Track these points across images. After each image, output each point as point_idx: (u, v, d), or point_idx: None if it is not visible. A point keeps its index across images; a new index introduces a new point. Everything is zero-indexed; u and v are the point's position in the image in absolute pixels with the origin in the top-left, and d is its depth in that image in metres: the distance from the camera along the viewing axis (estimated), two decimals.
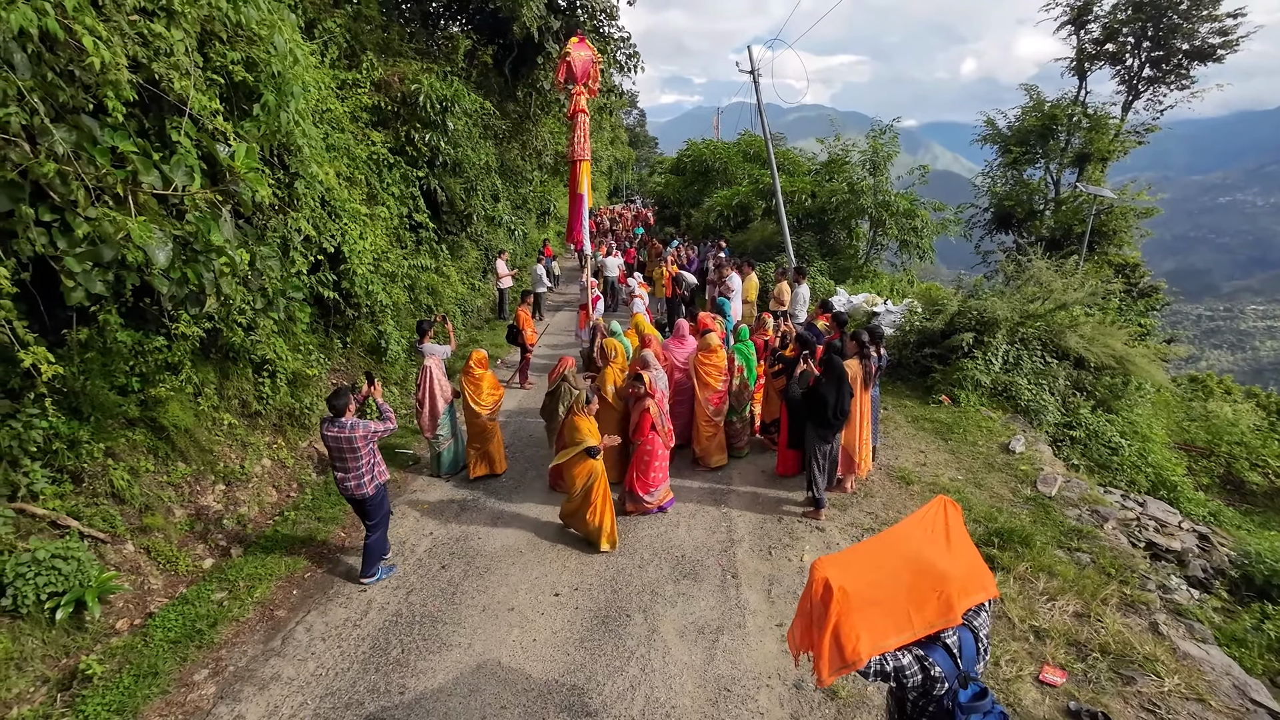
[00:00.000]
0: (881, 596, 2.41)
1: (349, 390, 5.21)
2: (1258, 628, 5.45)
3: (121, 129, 3.77)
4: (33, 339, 3.59)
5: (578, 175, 8.85)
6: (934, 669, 2.37)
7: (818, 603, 2.40)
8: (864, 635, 2.34)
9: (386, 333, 9.64)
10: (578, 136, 8.70)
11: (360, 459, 5.14)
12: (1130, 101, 20.45)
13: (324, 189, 7.16)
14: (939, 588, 2.44)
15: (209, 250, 4.30)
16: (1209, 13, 18.50)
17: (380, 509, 5.43)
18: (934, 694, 2.38)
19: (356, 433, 5.05)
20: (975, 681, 2.41)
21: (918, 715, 2.48)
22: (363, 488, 5.21)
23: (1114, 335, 9.45)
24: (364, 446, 5.12)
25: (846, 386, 5.94)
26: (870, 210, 16.75)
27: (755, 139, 24.52)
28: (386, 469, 5.48)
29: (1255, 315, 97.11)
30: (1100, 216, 18.54)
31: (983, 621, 2.60)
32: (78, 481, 5.34)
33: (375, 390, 5.78)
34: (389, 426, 5.37)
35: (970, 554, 2.66)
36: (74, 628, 4.76)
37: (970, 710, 2.34)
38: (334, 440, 5.06)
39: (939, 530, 2.62)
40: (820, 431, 6.06)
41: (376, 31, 12.11)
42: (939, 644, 2.45)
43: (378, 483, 5.33)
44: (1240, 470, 9.78)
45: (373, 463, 5.27)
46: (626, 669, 4.46)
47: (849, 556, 2.60)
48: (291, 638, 4.87)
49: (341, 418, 5.06)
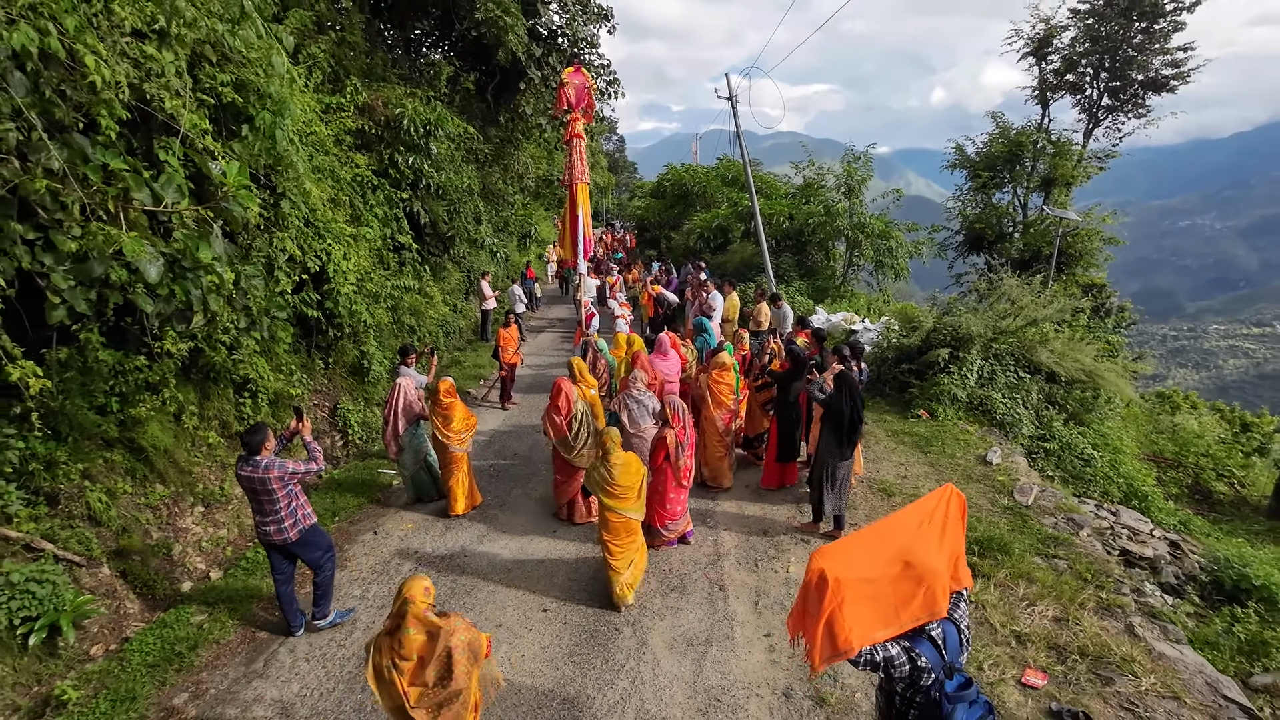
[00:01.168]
0: (873, 589, 2.50)
1: (267, 426, 4.73)
2: (1228, 631, 5.60)
3: (113, 147, 3.80)
4: (20, 353, 3.57)
5: (575, 198, 9.08)
6: (920, 659, 2.45)
7: (813, 592, 2.47)
8: (855, 626, 2.41)
9: (369, 353, 9.62)
10: (575, 161, 8.94)
11: (277, 502, 4.66)
12: (1091, 129, 21.32)
13: (309, 209, 7.20)
14: (927, 582, 2.52)
15: (197, 267, 4.33)
16: (1161, 46, 19.45)
17: (312, 549, 4.95)
18: (921, 685, 2.45)
19: (271, 473, 4.56)
20: (960, 672, 2.49)
21: (906, 708, 2.54)
22: (283, 533, 4.74)
23: (1083, 350, 9.78)
24: (280, 489, 4.63)
25: (860, 399, 5.87)
26: (846, 232, 17.19)
27: (733, 164, 25.08)
28: (311, 511, 4.99)
29: (1218, 335, 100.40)
30: (1067, 239, 19.17)
31: (962, 613, 2.69)
32: (53, 503, 5.24)
33: (304, 427, 5.16)
34: (312, 468, 4.85)
35: (959, 546, 2.76)
36: (46, 654, 4.64)
37: (957, 700, 2.41)
38: (247, 480, 4.59)
39: (937, 522, 2.71)
40: (836, 449, 5.89)
41: (360, 57, 12.27)
42: (924, 636, 2.53)
43: (301, 526, 4.82)
44: (1207, 480, 10.08)
45: (294, 505, 4.79)
46: (617, 682, 4.46)
47: (845, 547, 2.67)
48: (274, 659, 4.79)
49: (256, 455, 4.57)
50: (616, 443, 5.15)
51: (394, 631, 3.13)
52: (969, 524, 6.17)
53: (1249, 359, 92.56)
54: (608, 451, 5.11)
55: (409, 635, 3.08)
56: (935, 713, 2.44)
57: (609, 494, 5.06)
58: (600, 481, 5.09)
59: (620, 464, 5.10)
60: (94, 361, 5.32)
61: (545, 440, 6.97)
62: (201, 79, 4.93)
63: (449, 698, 3.06)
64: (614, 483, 5.04)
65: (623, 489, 5.06)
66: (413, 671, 3.07)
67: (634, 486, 5.11)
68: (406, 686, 3.04)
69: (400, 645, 3.08)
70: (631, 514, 5.12)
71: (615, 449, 5.12)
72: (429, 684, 3.06)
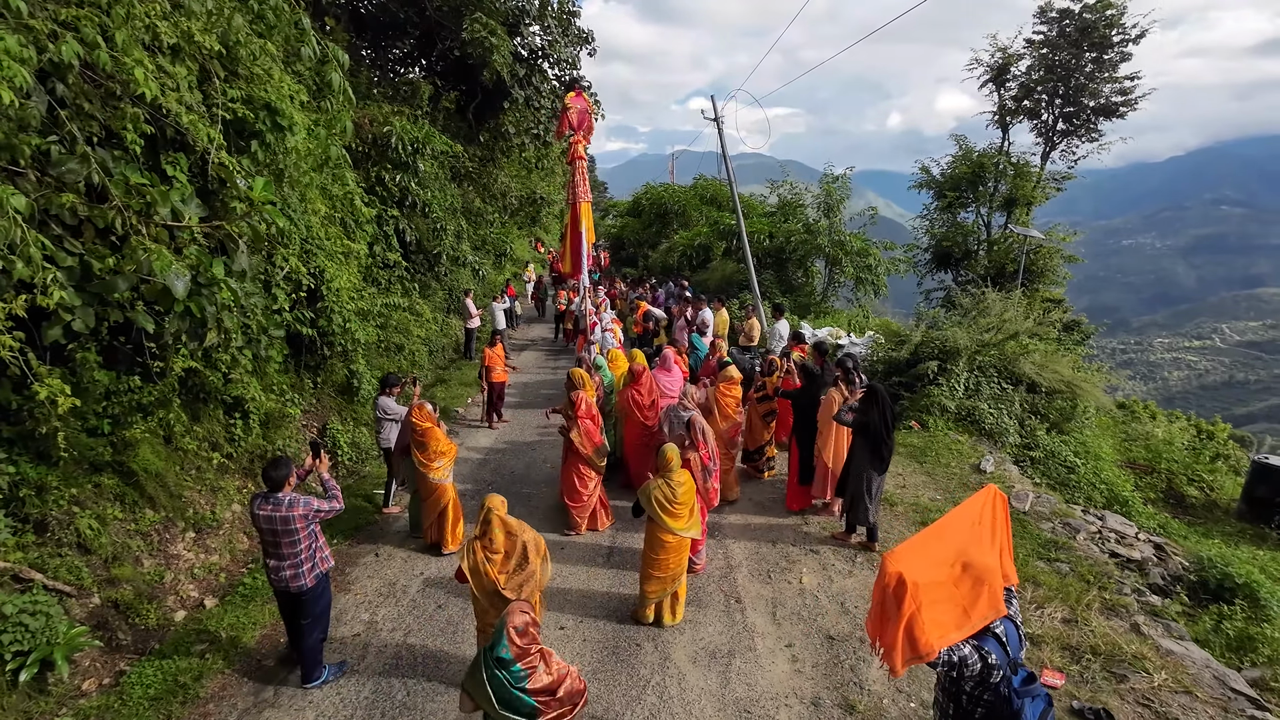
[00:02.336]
0: (943, 592, 2.55)
1: (291, 460, 4.39)
2: (1217, 628, 5.83)
3: (133, 162, 3.72)
4: (45, 370, 3.42)
5: (578, 215, 9.29)
6: (990, 657, 2.51)
7: (890, 596, 2.51)
8: (934, 629, 2.46)
9: (358, 372, 9.44)
10: (578, 180, 9.17)
11: (299, 543, 4.25)
12: (1048, 152, 22.37)
13: (306, 226, 7.10)
14: (987, 581, 2.59)
15: (212, 283, 4.23)
16: (1110, 75, 20.62)
17: (318, 602, 4.49)
18: (990, 681, 2.51)
19: (296, 510, 4.18)
20: (1023, 667, 2.56)
21: (974, 706, 2.59)
22: (300, 579, 4.30)
23: (1061, 362, 10.18)
24: (303, 528, 4.24)
25: (891, 410, 5.83)
26: (826, 249, 17.61)
27: (711, 183, 25.51)
28: (330, 554, 4.59)
29: (1162, 348, 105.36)
30: (1030, 256, 19.99)
31: (1015, 609, 2.77)
32: (42, 530, 5.00)
33: (321, 464, 4.73)
34: (335, 507, 4.47)
35: (1006, 544, 2.84)
36: (36, 691, 4.39)
37: (1025, 694, 2.48)
38: (267, 520, 4.17)
39: (985, 522, 2.79)
40: (874, 461, 5.84)
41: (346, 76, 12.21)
42: (990, 634, 2.60)
43: (318, 572, 4.41)
44: (1180, 485, 10.53)
45: (314, 547, 4.38)
46: (644, 698, 4.42)
47: (913, 550, 2.71)
48: (284, 687, 4.61)
49: (278, 492, 4.20)
50: (677, 459, 4.98)
51: (483, 535, 4.03)
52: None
53: (1191, 370, 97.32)
54: (670, 469, 4.93)
55: (495, 534, 4.00)
56: (1005, 709, 2.50)
57: (670, 513, 4.85)
58: (663, 501, 4.85)
59: (684, 483, 4.93)
60: (89, 382, 5.13)
61: (578, 451, 6.61)
62: (212, 94, 4.86)
63: (526, 577, 4.03)
64: (677, 500, 4.87)
65: (682, 507, 4.92)
66: (500, 562, 4.02)
67: (690, 503, 4.99)
68: (496, 574, 3.96)
69: (491, 543, 4.00)
70: (691, 533, 4.98)
71: (677, 466, 4.95)
72: (510, 570, 4.02)
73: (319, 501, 4.37)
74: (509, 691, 3.01)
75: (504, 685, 3.01)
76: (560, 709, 3.14)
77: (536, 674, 3.08)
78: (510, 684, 3.01)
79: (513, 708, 3.02)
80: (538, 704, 3.06)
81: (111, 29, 3.02)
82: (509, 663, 3.01)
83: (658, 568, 5.00)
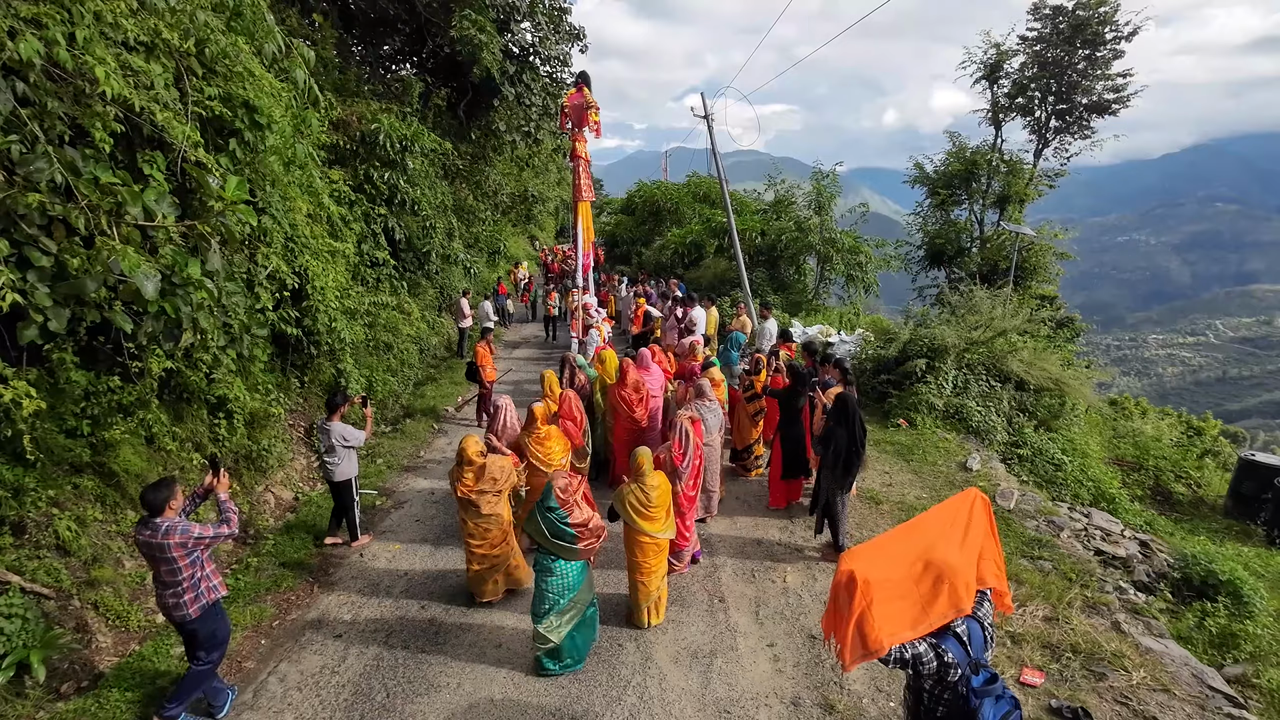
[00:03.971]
0: (899, 589, 2.55)
1: (174, 482, 4.07)
2: (1199, 625, 5.84)
3: (103, 160, 3.68)
4: (12, 372, 3.39)
5: (578, 214, 9.25)
6: (947, 655, 2.51)
7: (843, 592, 2.51)
8: (885, 625, 2.46)
9: (346, 371, 9.39)
10: (582, 179, 9.12)
11: (179, 572, 3.92)
12: (1041, 149, 22.41)
13: (290, 225, 7.04)
14: (948, 580, 2.59)
15: (187, 284, 4.19)
16: (1103, 72, 20.66)
17: (210, 637, 4.17)
18: (949, 680, 2.51)
19: (172, 539, 3.84)
20: (986, 668, 2.56)
21: (935, 705, 2.59)
22: (182, 609, 3.98)
23: (1049, 360, 10.20)
24: (181, 556, 3.89)
25: (860, 424, 5.69)
26: (817, 247, 17.62)
27: (705, 180, 25.47)
28: (221, 583, 4.25)
29: (1156, 344, 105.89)
30: (1022, 253, 20.03)
31: (985, 611, 2.77)
32: (19, 533, 4.95)
33: (220, 483, 4.34)
34: (223, 532, 4.12)
35: (984, 547, 2.83)
36: (14, 694, 4.36)
37: (984, 694, 2.48)
38: (145, 547, 3.90)
39: (959, 523, 2.79)
40: (841, 479, 5.74)
41: (333, 72, 12.13)
42: (950, 633, 2.60)
43: (204, 602, 4.06)
44: (1167, 482, 10.57)
45: (198, 576, 4.03)
46: (624, 698, 4.41)
47: (873, 548, 2.72)
48: (264, 689, 4.59)
49: (157, 517, 3.87)
50: (650, 463, 4.98)
51: (458, 466, 5.26)
52: None
53: (1185, 366, 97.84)
54: (643, 473, 4.93)
55: (464, 469, 5.20)
56: (964, 707, 2.50)
57: (644, 516, 4.86)
58: (637, 505, 4.87)
59: (657, 486, 4.94)
60: (66, 383, 5.08)
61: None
62: (189, 92, 4.82)
63: (493, 493, 5.21)
64: (651, 504, 4.87)
65: (657, 510, 4.92)
66: (471, 483, 5.19)
67: (665, 505, 4.99)
68: (470, 489, 5.17)
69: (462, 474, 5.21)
70: (665, 534, 4.99)
71: (650, 470, 4.96)
72: (483, 490, 5.17)
73: (201, 528, 4.01)
74: (557, 527, 4.47)
75: (553, 523, 4.48)
76: (590, 537, 4.55)
77: (574, 514, 4.50)
78: (558, 522, 4.46)
79: (560, 536, 4.46)
80: (577, 533, 4.46)
81: (75, 27, 2.98)
82: (555, 508, 4.49)
83: (641, 571, 5.00)
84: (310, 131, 8.11)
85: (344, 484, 6.41)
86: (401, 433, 10.11)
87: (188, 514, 4.24)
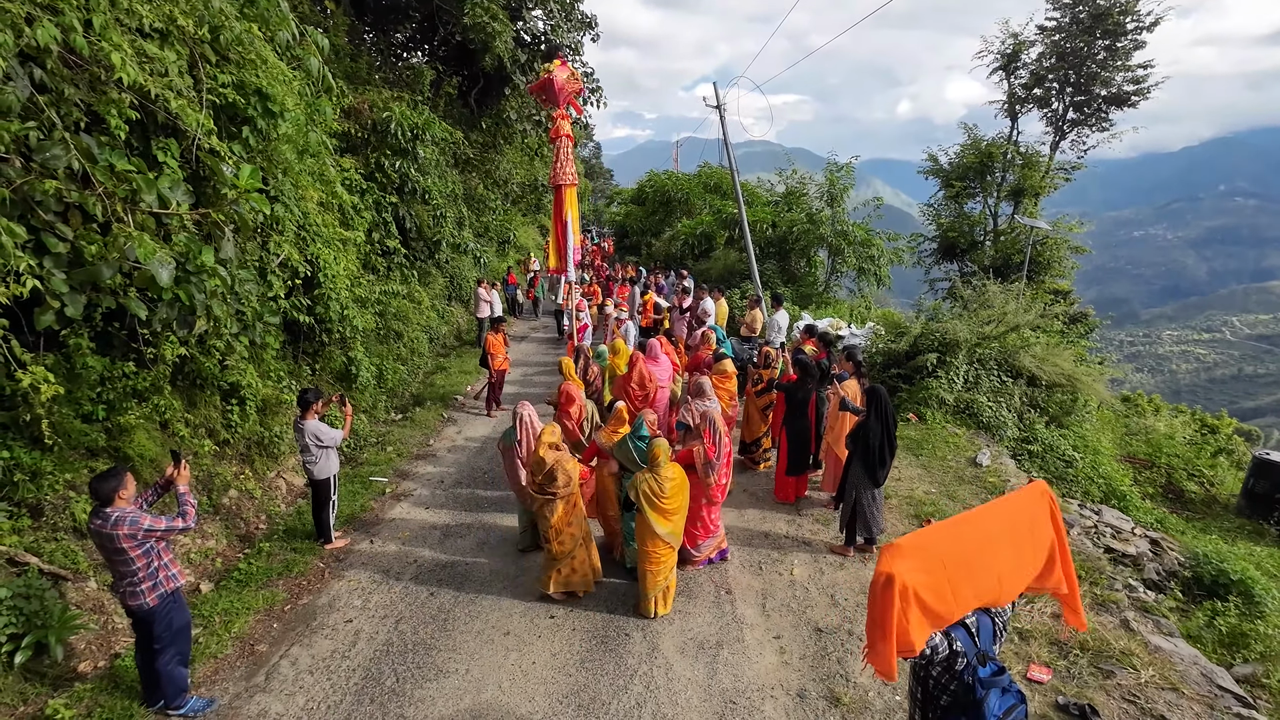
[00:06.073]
0: (939, 594, 2.50)
1: (124, 472, 3.94)
2: (1210, 624, 5.81)
3: (118, 148, 3.70)
4: (30, 358, 3.43)
5: (562, 201, 8.78)
6: (956, 643, 2.51)
7: (878, 593, 2.49)
8: (919, 632, 2.45)
9: (357, 359, 9.46)
10: (560, 161, 8.62)
11: (131, 563, 3.88)
12: (1057, 141, 22.10)
13: (301, 213, 7.07)
14: (994, 588, 2.58)
15: (200, 271, 4.21)
16: (1123, 63, 20.30)
17: (164, 622, 4.10)
18: (955, 668, 2.52)
19: (120, 530, 3.79)
20: (993, 660, 2.56)
21: (939, 693, 2.60)
22: (139, 597, 3.95)
23: (1062, 355, 10.10)
24: (132, 547, 3.83)
25: (893, 417, 5.61)
26: (829, 239, 17.49)
27: (716, 171, 25.30)
28: (179, 572, 4.20)
29: (1171, 340, 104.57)
30: (1036, 247, 19.81)
31: (1004, 607, 2.76)
32: (37, 515, 5.04)
33: (180, 474, 4.21)
34: (176, 525, 4.01)
35: (1051, 551, 2.81)
36: (32, 673, 4.44)
37: (989, 685, 2.48)
38: (96, 537, 3.88)
39: (1020, 523, 2.76)
40: (872, 474, 5.63)
41: (345, 60, 12.14)
42: (960, 624, 2.60)
43: (162, 591, 4.02)
44: (1179, 480, 10.48)
45: (154, 566, 3.98)
46: (631, 687, 4.44)
47: (917, 546, 2.59)
48: (276, 672, 4.66)
49: (106, 507, 3.82)
50: (667, 454, 4.94)
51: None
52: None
53: (1200, 363, 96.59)
54: (659, 464, 4.91)
55: (538, 455, 5.17)
56: (969, 697, 2.50)
57: (656, 508, 4.84)
58: (650, 494, 4.82)
59: (672, 478, 4.91)
60: (82, 368, 5.15)
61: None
62: (202, 79, 4.83)
63: (555, 489, 5.12)
64: (664, 495, 4.85)
65: (670, 501, 4.88)
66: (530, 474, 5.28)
67: (679, 499, 4.95)
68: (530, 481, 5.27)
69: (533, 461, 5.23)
70: (673, 540, 4.97)
71: (666, 461, 4.92)
72: (543, 486, 5.12)
73: (152, 520, 3.93)
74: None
75: (643, 451, 5.13)
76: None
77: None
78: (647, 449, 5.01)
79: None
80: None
81: (92, 13, 2.99)
82: (647, 437, 5.22)
83: (651, 560, 5.01)
84: (322, 119, 8.12)
85: (323, 482, 6.20)
86: (412, 421, 10.17)
87: (149, 505, 4.20)
